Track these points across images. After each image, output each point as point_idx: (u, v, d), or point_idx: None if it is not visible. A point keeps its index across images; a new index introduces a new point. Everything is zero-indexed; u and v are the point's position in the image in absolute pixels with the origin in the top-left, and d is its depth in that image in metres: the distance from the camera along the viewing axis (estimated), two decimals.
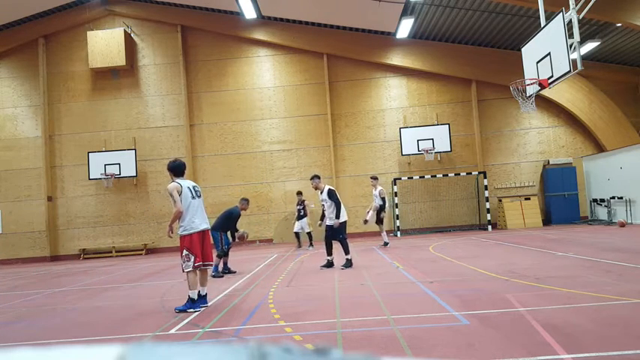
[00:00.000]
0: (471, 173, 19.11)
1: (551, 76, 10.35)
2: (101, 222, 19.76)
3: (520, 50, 12.03)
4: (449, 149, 18.87)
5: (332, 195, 9.70)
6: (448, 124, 19.02)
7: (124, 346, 0.47)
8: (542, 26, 10.72)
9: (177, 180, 6.56)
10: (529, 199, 18.94)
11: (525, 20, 16.57)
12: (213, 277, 9.59)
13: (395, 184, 18.94)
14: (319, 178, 10.10)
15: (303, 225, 15.26)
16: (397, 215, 18.93)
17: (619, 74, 19.22)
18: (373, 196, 13.82)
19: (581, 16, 10.01)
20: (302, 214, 15.23)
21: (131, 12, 20.17)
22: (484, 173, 18.79)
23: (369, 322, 5.06)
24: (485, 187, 18.64)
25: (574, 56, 9.54)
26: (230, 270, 10.25)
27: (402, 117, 19.71)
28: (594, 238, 12.79)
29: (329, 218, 9.84)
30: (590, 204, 19.03)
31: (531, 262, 8.85)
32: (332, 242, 9.96)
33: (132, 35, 20.18)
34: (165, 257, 16.51)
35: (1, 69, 20.31)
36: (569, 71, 9.66)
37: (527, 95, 11.82)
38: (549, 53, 10.32)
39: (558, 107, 19.09)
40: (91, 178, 19.21)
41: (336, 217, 9.64)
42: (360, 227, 17.55)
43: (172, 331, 5.40)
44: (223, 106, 19.95)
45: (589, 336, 4.10)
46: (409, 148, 18.80)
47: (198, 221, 6.50)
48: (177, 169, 6.65)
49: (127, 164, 19.20)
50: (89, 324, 6.12)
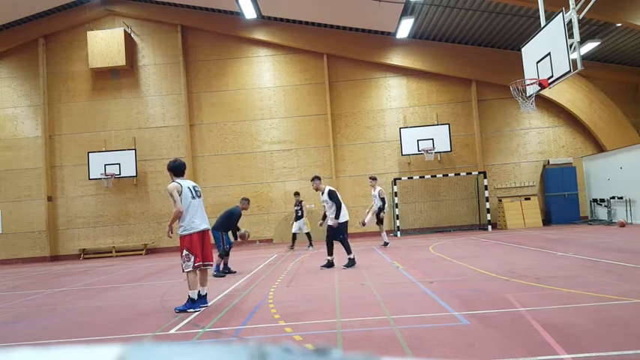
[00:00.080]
0: (471, 173, 19.11)
1: (551, 76, 10.35)
2: (101, 222, 19.76)
3: (520, 50, 12.03)
4: (449, 149, 18.87)
5: (332, 196, 9.73)
6: (448, 124, 19.02)
7: (124, 346, 0.47)
8: (542, 26, 10.73)
9: (178, 180, 6.56)
10: (529, 199, 18.95)
11: (525, 20, 16.57)
12: (215, 277, 9.60)
13: (395, 184, 18.94)
14: (320, 179, 10.17)
15: (301, 226, 15.17)
16: (397, 215, 18.93)
17: (619, 74, 19.22)
18: (372, 196, 13.82)
19: (581, 16, 10.02)
20: (299, 214, 15.14)
21: (131, 12, 20.17)
22: (484, 173, 18.79)
23: (369, 322, 5.06)
24: (486, 187, 18.64)
25: (574, 56, 9.54)
26: (230, 270, 10.25)
27: (402, 117, 19.71)
28: (594, 238, 12.79)
29: (330, 219, 9.87)
30: (590, 204, 19.03)
31: (531, 262, 8.85)
32: (333, 242, 9.97)
33: (132, 35, 20.18)
34: (165, 257, 16.51)
35: (1, 69, 20.32)
36: (569, 71, 9.66)
37: (527, 95, 11.82)
38: (549, 53, 10.33)
39: (558, 107, 19.09)
40: (91, 178, 19.22)
41: (336, 217, 9.68)
42: (359, 227, 17.55)
43: (172, 331, 5.40)
44: (223, 106, 19.95)
45: (589, 336, 4.10)
46: (409, 148, 18.80)
47: (198, 221, 6.50)
48: (177, 169, 6.65)
49: (127, 164, 19.20)
50: (89, 324, 6.12)
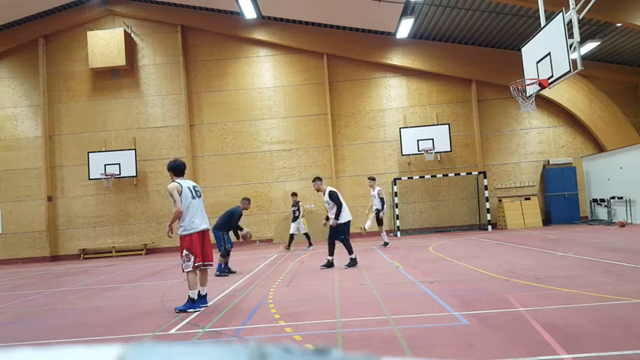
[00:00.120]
0: (471, 173, 19.11)
1: (551, 76, 10.35)
2: (101, 222, 19.76)
3: (520, 50, 12.03)
4: (449, 149, 18.87)
5: (333, 197, 9.74)
6: (448, 124, 19.02)
7: (124, 346, 0.47)
8: (542, 26, 10.73)
9: (178, 180, 6.56)
10: (529, 199, 18.94)
11: (525, 20, 16.57)
12: (217, 277, 9.60)
13: (395, 184, 18.94)
14: (321, 180, 10.20)
15: (299, 226, 15.08)
16: (397, 215, 18.92)
17: (619, 74, 19.22)
18: (371, 196, 13.81)
19: (581, 16, 10.02)
20: (297, 215, 15.06)
21: (131, 12, 20.17)
22: (484, 173, 18.79)
23: (369, 322, 5.06)
24: (486, 187, 18.64)
25: (574, 56, 9.54)
26: (230, 270, 10.25)
27: (402, 117, 19.71)
28: (594, 238, 12.79)
29: (332, 219, 9.89)
30: (590, 204, 19.03)
31: (531, 262, 8.85)
32: (334, 243, 9.98)
33: (132, 35, 20.18)
34: (165, 257, 16.51)
35: (1, 69, 20.32)
36: (569, 71, 9.66)
37: (527, 95, 11.82)
38: (549, 53, 10.33)
39: (558, 107, 19.09)
40: (91, 178, 19.22)
41: (336, 218, 9.70)
42: (359, 225, 17.54)
43: (172, 331, 5.40)
44: (223, 106, 19.95)
45: (589, 336, 4.10)
46: (409, 148, 18.80)
47: (198, 221, 6.50)
48: (177, 169, 6.65)
49: (127, 164, 19.20)
50: (89, 324, 6.12)
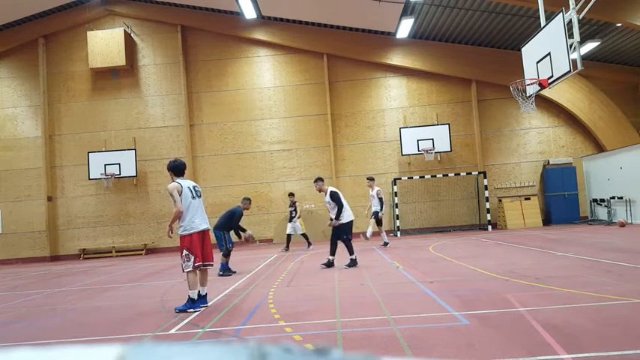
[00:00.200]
0: (471, 173, 19.10)
1: (551, 76, 10.35)
2: (101, 222, 19.75)
3: (520, 50, 12.03)
4: (449, 149, 18.86)
5: (334, 197, 9.74)
6: (448, 124, 19.02)
7: (124, 346, 0.47)
8: (542, 26, 10.73)
9: (178, 180, 6.56)
10: (529, 199, 18.94)
11: (525, 20, 16.57)
12: (220, 277, 9.62)
13: (395, 184, 18.94)
14: (322, 180, 10.19)
15: (296, 227, 14.93)
16: (397, 215, 18.92)
17: (619, 74, 19.22)
18: (370, 196, 13.80)
19: (581, 16, 10.01)
20: (294, 215, 14.93)
21: (131, 12, 20.17)
22: (484, 173, 18.79)
23: (369, 322, 5.06)
24: (486, 187, 18.64)
25: (574, 56, 9.54)
26: (230, 270, 10.25)
27: (402, 117, 19.71)
28: (594, 238, 12.79)
29: (334, 219, 9.89)
30: (590, 204, 19.03)
31: (531, 262, 8.85)
32: (337, 242, 9.99)
33: (132, 35, 20.18)
34: (166, 257, 16.51)
35: (1, 69, 20.32)
36: (569, 71, 9.66)
37: (527, 95, 11.82)
38: (549, 53, 10.33)
39: (558, 107, 19.09)
40: (91, 178, 19.22)
41: (337, 218, 9.69)
42: (360, 227, 17.55)
43: (172, 331, 5.40)
44: (223, 106, 19.94)
45: (589, 336, 4.10)
46: (409, 148, 18.80)
47: (198, 221, 6.50)
48: (177, 169, 6.65)
49: (127, 164, 19.20)
50: (89, 324, 6.12)
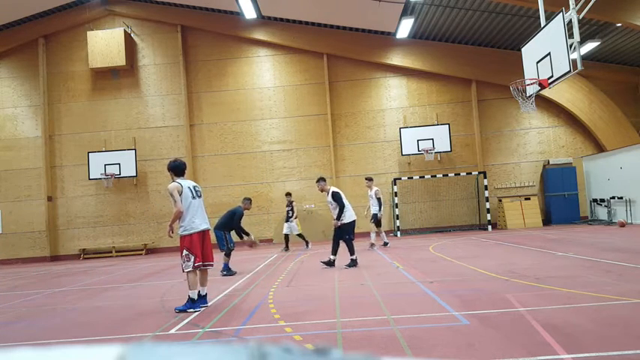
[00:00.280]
0: (471, 173, 19.10)
1: (551, 76, 10.35)
2: (101, 222, 19.75)
3: (520, 50, 12.03)
4: (449, 149, 18.86)
5: (336, 197, 9.74)
6: (448, 124, 19.01)
7: (124, 346, 0.47)
8: (542, 26, 10.72)
9: (178, 180, 6.56)
10: (529, 199, 18.94)
11: (525, 20, 16.57)
12: (224, 276, 9.63)
13: (395, 184, 18.93)
14: (325, 180, 10.20)
15: (292, 227, 14.87)
16: (397, 215, 18.92)
17: (619, 74, 19.21)
18: (368, 196, 13.81)
19: (581, 16, 10.01)
20: (290, 215, 14.87)
21: (131, 12, 20.17)
22: (484, 173, 18.79)
23: (369, 322, 5.06)
24: (486, 187, 18.64)
25: (574, 56, 9.54)
26: (231, 270, 10.25)
27: (402, 117, 19.71)
28: (594, 238, 12.79)
29: (335, 219, 9.90)
30: (590, 204, 19.03)
31: (531, 262, 8.85)
32: (339, 242, 9.99)
33: (132, 35, 20.17)
34: (166, 257, 16.51)
35: (1, 69, 20.31)
36: (569, 71, 9.66)
37: (527, 95, 11.82)
38: (549, 53, 10.32)
39: (558, 107, 19.09)
40: (91, 178, 19.21)
41: (338, 218, 9.71)
42: (360, 227, 17.54)
43: (172, 331, 5.40)
44: (223, 106, 19.94)
45: (589, 336, 4.10)
46: (409, 148, 18.80)
47: (198, 221, 6.50)
48: (177, 169, 6.65)
49: (127, 164, 19.20)
50: (89, 324, 6.12)
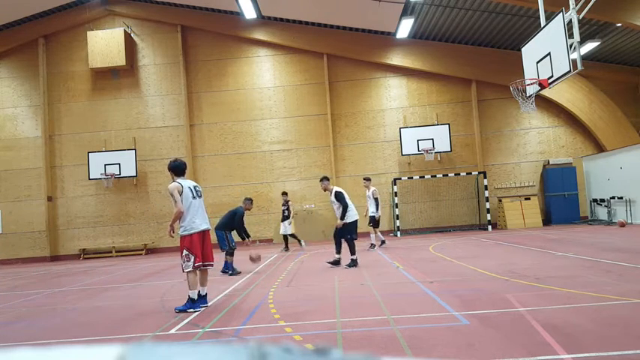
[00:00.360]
0: (471, 173, 19.10)
1: (551, 76, 10.35)
2: (101, 222, 19.75)
3: (520, 50, 12.03)
4: (449, 149, 18.86)
5: (339, 197, 9.74)
6: (448, 124, 19.01)
7: (124, 346, 0.47)
8: (542, 26, 10.72)
9: (178, 180, 6.56)
10: (529, 199, 18.94)
11: (525, 20, 16.57)
12: (230, 276, 9.65)
13: (395, 184, 18.93)
14: (328, 180, 10.22)
15: (286, 226, 14.85)
16: (397, 215, 18.92)
17: (619, 74, 19.21)
18: (366, 197, 13.82)
19: (581, 16, 10.01)
20: (286, 214, 14.85)
21: (131, 12, 20.17)
22: (484, 173, 18.79)
23: (369, 322, 5.06)
24: (486, 187, 18.64)
25: (574, 56, 9.54)
26: (235, 269, 10.24)
27: (402, 117, 19.71)
28: (594, 238, 12.79)
29: (339, 219, 9.90)
30: (590, 204, 19.03)
31: (531, 262, 8.85)
32: (341, 241, 9.99)
33: (132, 35, 20.17)
34: (166, 257, 16.52)
35: (1, 69, 20.31)
36: (569, 71, 9.66)
37: (527, 95, 11.82)
38: (549, 53, 10.33)
39: (558, 107, 19.09)
40: (91, 178, 19.21)
41: (341, 218, 9.71)
42: (360, 227, 17.53)
43: (172, 331, 5.40)
44: (223, 106, 19.94)
45: (589, 336, 4.10)
46: (409, 148, 18.80)
47: (198, 221, 6.50)
48: (177, 169, 6.65)
49: (127, 164, 19.20)
50: (89, 324, 6.12)
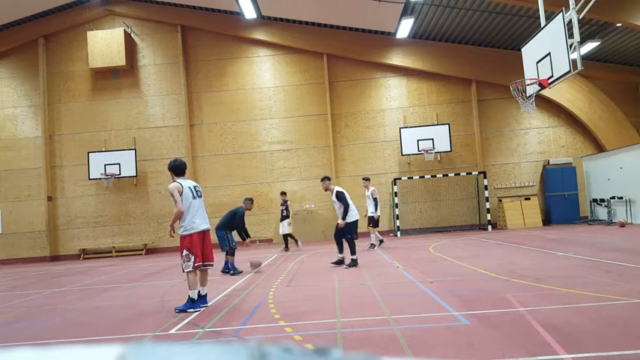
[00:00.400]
0: (471, 173, 19.10)
1: (551, 76, 10.35)
2: (101, 222, 19.75)
3: (520, 50, 12.03)
4: (449, 149, 18.86)
5: (340, 197, 9.74)
6: (448, 124, 19.01)
7: (124, 346, 0.47)
8: (542, 26, 10.72)
9: (178, 180, 6.56)
10: (529, 199, 18.94)
11: (525, 20, 16.57)
12: (232, 275, 9.66)
13: (395, 184, 18.93)
14: (329, 179, 10.23)
15: (285, 226, 14.85)
16: (397, 215, 18.92)
17: (619, 74, 19.21)
18: (366, 197, 13.82)
19: (581, 16, 10.01)
20: (284, 214, 14.85)
21: (131, 12, 20.17)
22: (484, 173, 18.79)
23: (369, 322, 5.06)
24: (486, 187, 18.64)
25: (574, 56, 9.54)
26: (237, 269, 10.24)
27: (402, 117, 19.71)
28: (594, 238, 12.78)
29: (340, 218, 9.91)
30: (590, 204, 19.02)
31: (531, 262, 8.85)
32: (342, 241, 10.00)
33: (132, 35, 20.17)
34: (166, 257, 16.51)
35: (1, 69, 20.31)
36: (569, 71, 9.66)
37: (527, 95, 11.82)
38: (549, 53, 10.32)
39: (558, 107, 19.09)
40: (91, 178, 19.21)
41: (342, 217, 9.73)
42: (360, 227, 17.53)
43: (172, 331, 5.40)
44: (223, 106, 19.94)
45: (589, 336, 4.10)
46: (409, 148, 18.80)
47: (198, 221, 6.50)
48: (177, 169, 6.65)
49: (127, 164, 19.20)
50: (89, 324, 6.12)
